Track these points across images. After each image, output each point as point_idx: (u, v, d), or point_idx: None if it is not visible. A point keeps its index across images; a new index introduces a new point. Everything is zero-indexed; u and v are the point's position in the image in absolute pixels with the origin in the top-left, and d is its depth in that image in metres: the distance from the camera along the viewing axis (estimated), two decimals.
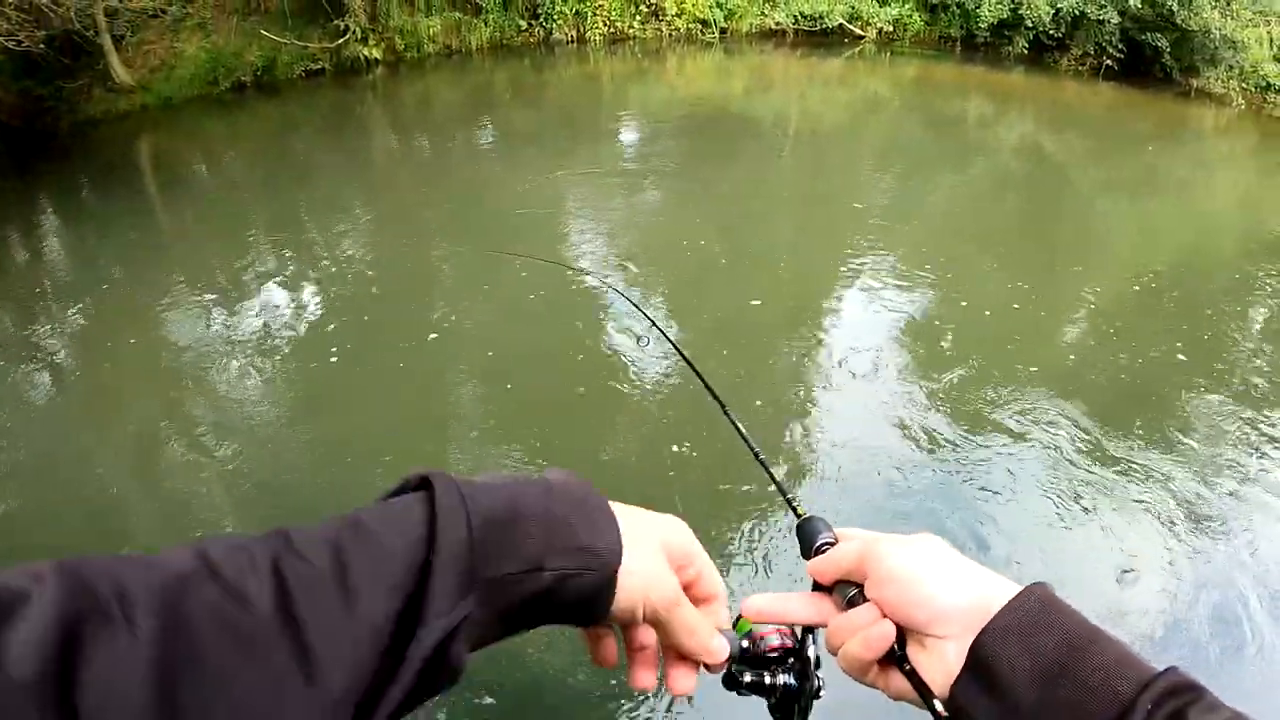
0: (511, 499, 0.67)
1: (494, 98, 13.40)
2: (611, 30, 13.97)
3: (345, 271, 9.19)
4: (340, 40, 15.47)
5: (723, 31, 13.84)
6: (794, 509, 1.09)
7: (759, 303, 6.58)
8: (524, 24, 14.46)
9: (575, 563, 0.68)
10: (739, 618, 0.95)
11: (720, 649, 0.82)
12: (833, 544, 0.93)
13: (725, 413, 1.50)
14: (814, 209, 8.21)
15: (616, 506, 0.74)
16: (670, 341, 1.89)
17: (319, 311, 8.46)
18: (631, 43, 13.96)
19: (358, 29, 15.36)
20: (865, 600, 0.83)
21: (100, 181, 15.45)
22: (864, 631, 0.81)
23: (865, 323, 6.49)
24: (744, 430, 1.44)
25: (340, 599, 0.59)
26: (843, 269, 7.14)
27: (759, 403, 5.62)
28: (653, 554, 0.75)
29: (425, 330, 7.47)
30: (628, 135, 11.10)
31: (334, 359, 7.23)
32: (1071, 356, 6.30)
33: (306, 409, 6.91)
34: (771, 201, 8.50)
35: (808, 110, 11.09)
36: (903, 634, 0.80)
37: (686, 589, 0.79)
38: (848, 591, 0.86)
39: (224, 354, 8.06)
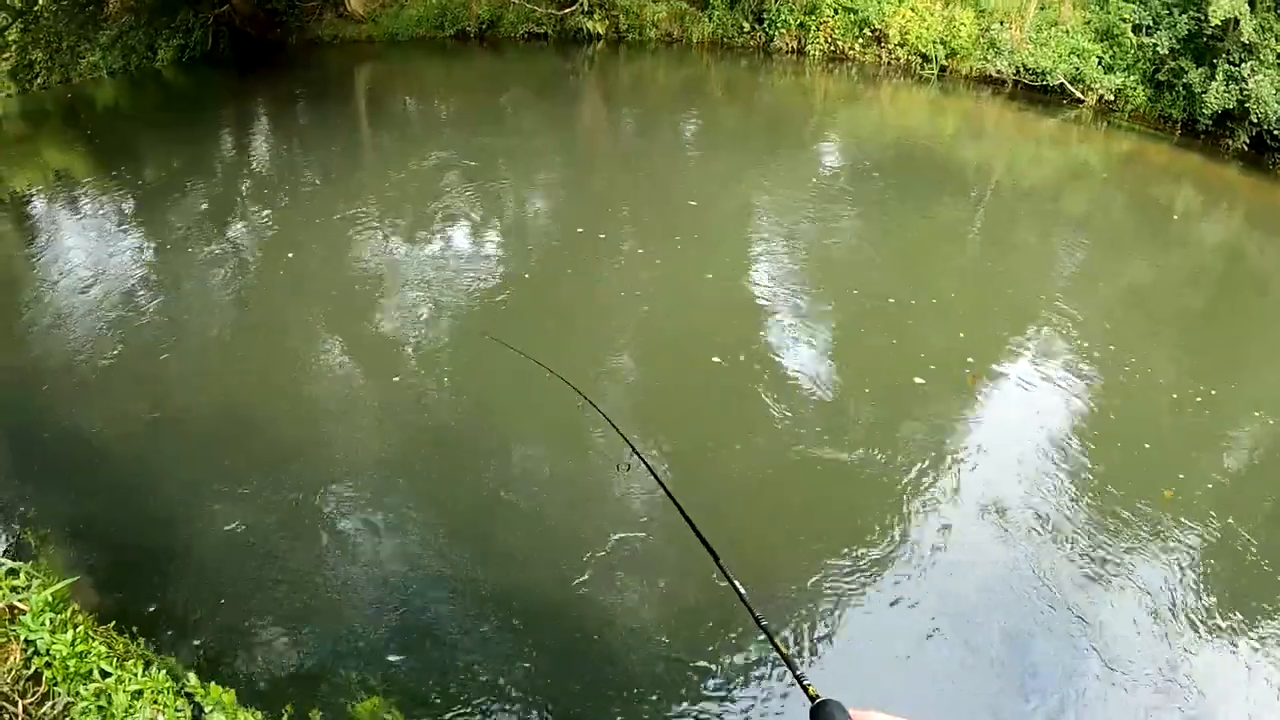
0: None
1: (705, 93, 13.63)
2: (832, 48, 14.04)
3: (526, 226, 9.59)
4: (567, 10, 15.99)
5: (942, 69, 13.74)
6: (805, 689, 1.09)
7: (922, 381, 6.28)
8: (747, 26, 14.67)
9: None
10: None
11: None
12: None
13: (720, 566, 1.53)
14: (999, 269, 7.97)
15: None
16: (655, 476, 1.95)
17: (494, 257, 8.85)
18: (850, 64, 13.99)
19: (586, 2, 15.86)
20: None
21: (315, 97, 16.41)
22: None
23: (1019, 417, 6.01)
24: (743, 590, 1.44)
25: None
26: (1015, 340, 6.88)
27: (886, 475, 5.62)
28: None
29: (588, 292, 7.77)
30: (828, 157, 11.14)
31: (502, 305, 7.61)
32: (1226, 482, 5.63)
33: (463, 343, 7.28)
34: (956, 255, 8.38)
35: (1013, 166, 10.94)
36: None
37: None
38: None
39: (397, 277, 8.61)
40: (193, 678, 4.49)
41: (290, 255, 9.60)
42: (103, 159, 14.83)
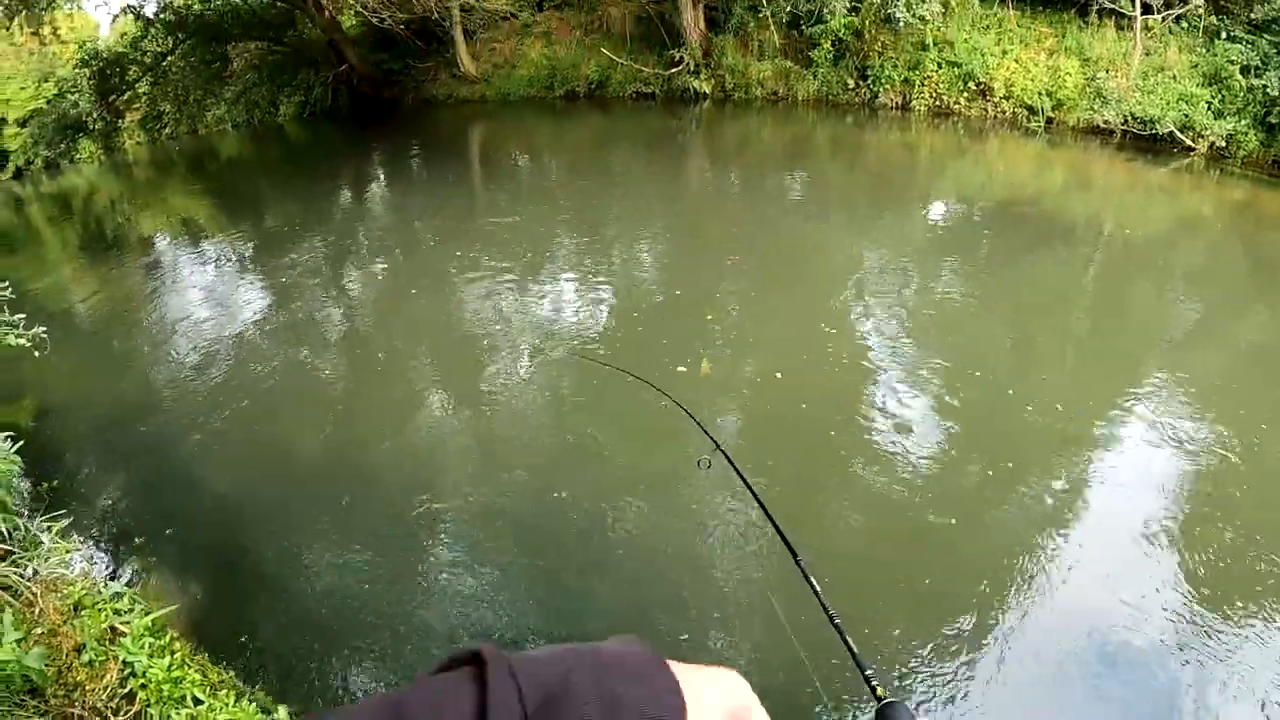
0: (564, 677, 0.65)
1: (811, 150, 13.93)
2: (937, 103, 14.24)
3: (632, 278, 9.96)
4: (673, 70, 16.56)
5: (1048, 121, 13.79)
6: (873, 690, 1.09)
7: (1011, 465, 6.28)
8: (851, 83, 14.97)
9: None
10: None
11: None
12: None
13: (798, 564, 1.52)
14: (1109, 326, 7.96)
15: (676, 668, 0.71)
16: (736, 469, 1.97)
17: (600, 307, 9.27)
18: (955, 119, 14.16)
19: (691, 62, 16.39)
20: None
21: (430, 154, 17.25)
22: None
23: (1124, 483, 5.88)
24: (817, 586, 1.43)
25: None
26: (1126, 403, 6.68)
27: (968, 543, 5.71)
28: (715, 716, 0.73)
29: (691, 343, 8.01)
30: (935, 213, 11.25)
31: (604, 351, 7.95)
32: None
33: (558, 400, 7.60)
34: (1065, 312, 8.30)
35: (1123, 219, 10.89)
36: None
37: None
38: None
39: (507, 324, 9.11)
40: (283, 712, 4.72)
41: (403, 302, 10.24)
42: (226, 206, 15.86)
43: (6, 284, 7.88)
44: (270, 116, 24.61)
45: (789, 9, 15.44)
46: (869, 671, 1.13)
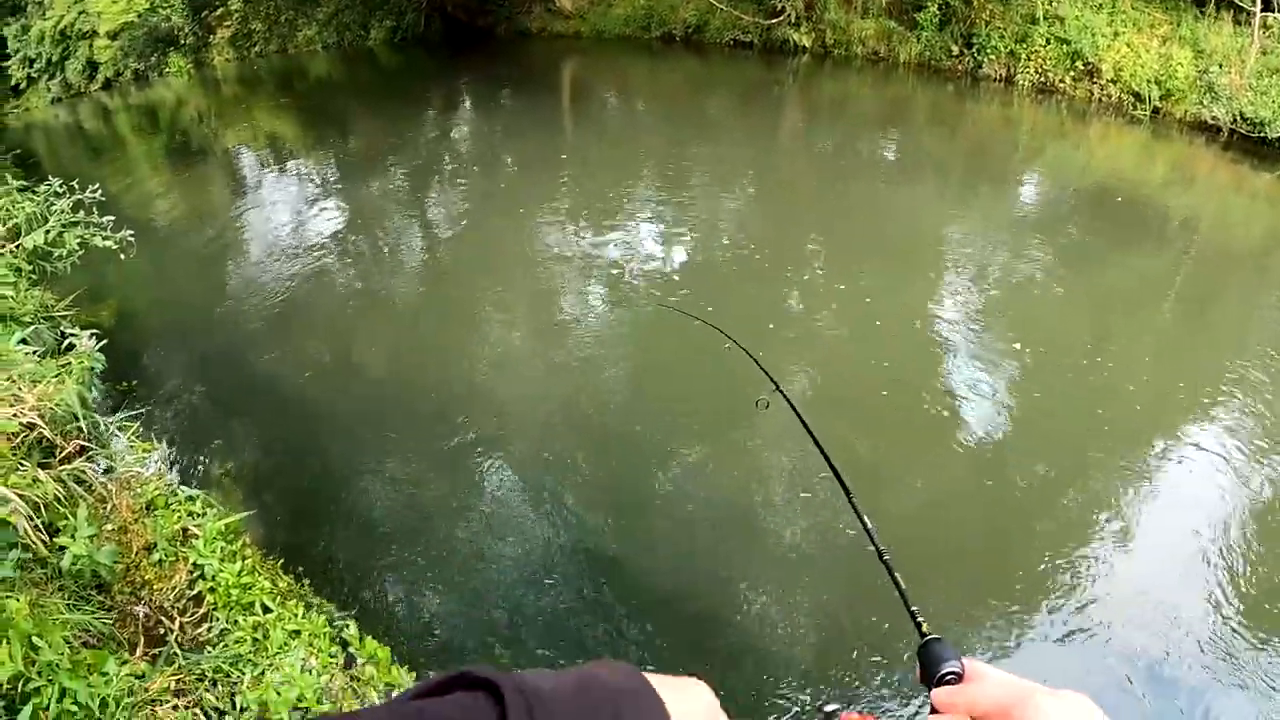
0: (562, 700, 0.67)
1: (908, 115, 13.72)
2: (1042, 79, 13.88)
3: (714, 231, 9.99)
4: (774, 20, 16.33)
5: (1154, 110, 13.40)
6: (918, 626, 1.09)
7: (1098, 434, 6.26)
8: (955, 50, 14.65)
9: None
10: None
11: None
12: (959, 674, 0.95)
13: (850, 501, 1.54)
14: (1194, 331, 7.84)
15: (657, 683, 0.75)
16: (794, 408, 2.01)
17: (677, 257, 9.37)
18: (1059, 97, 13.78)
19: (793, 13, 16.14)
20: None
21: (519, 87, 17.30)
22: None
23: (1194, 492, 5.76)
24: (869, 523, 1.43)
25: None
26: (1205, 409, 6.55)
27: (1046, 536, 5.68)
28: None
29: (767, 302, 8.09)
30: (1029, 193, 11.06)
31: (679, 301, 8.04)
32: None
33: (626, 340, 7.82)
34: (1149, 311, 8.10)
35: (1222, 222, 10.60)
36: None
37: None
38: None
39: (580, 262, 9.32)
40: (352, 627, 4.77)
41: (480, 231, 10.55)
42: (312, 125, 16.10)
43: (97, 187, 8.19)
44: (360, 40, 24.74)
45: None
46: (915, 608, 1.13)
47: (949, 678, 0.94)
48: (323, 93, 20.17)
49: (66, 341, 6.23)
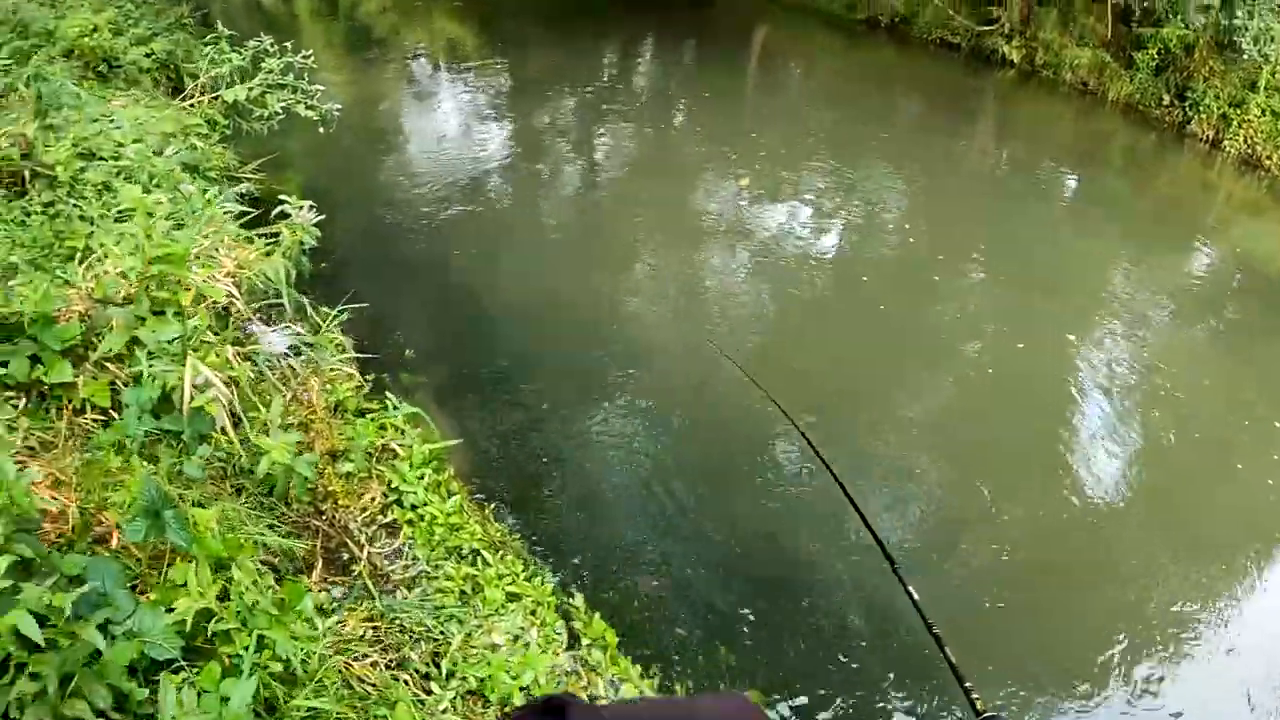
0: None
1: (1102, 155, 13.31)
2: (1250, 150, 13.26)
3: (871, 231, 10.13)
4: (986, 27, 15.96)
5: None
6: (973, 704, 1.09)
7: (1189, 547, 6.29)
8: (1166, 99, 14.06)
9: None
10: None
11: None
12: None
13: (895, 571, 1.54)
14: None
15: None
16: (829, 470, 2.00)
17: (829, 249, 9.59)
18: (1264, 174, 13.12)
19: (1008, 24, 15.76)
20: None
21: (707, 39, 17.33)
22: None
23: None
24: (915, 595, 1.43)
25: None
26: None
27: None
28: None
29: (911, 320, 8.22)
30: (1205, 264, 10.45)
31: (821, 294, 8.12)
32: None
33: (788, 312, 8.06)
34: None
35: None
36: None
37: None
38: None
39: (732, 229, 9.58)
40: (579, 600, 4.31)
41: (639, 176, 10.90)
42: (490, 38, 16.28)
43: (310, 53, 8.25)
44: None
45: None
46: (969, 684, 1.11)
47: None
48: (504, 7, 20.15)
49: (277, 210, 5.39)
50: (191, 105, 8.33)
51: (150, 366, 3.63)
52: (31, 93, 5.98)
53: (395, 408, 4.87)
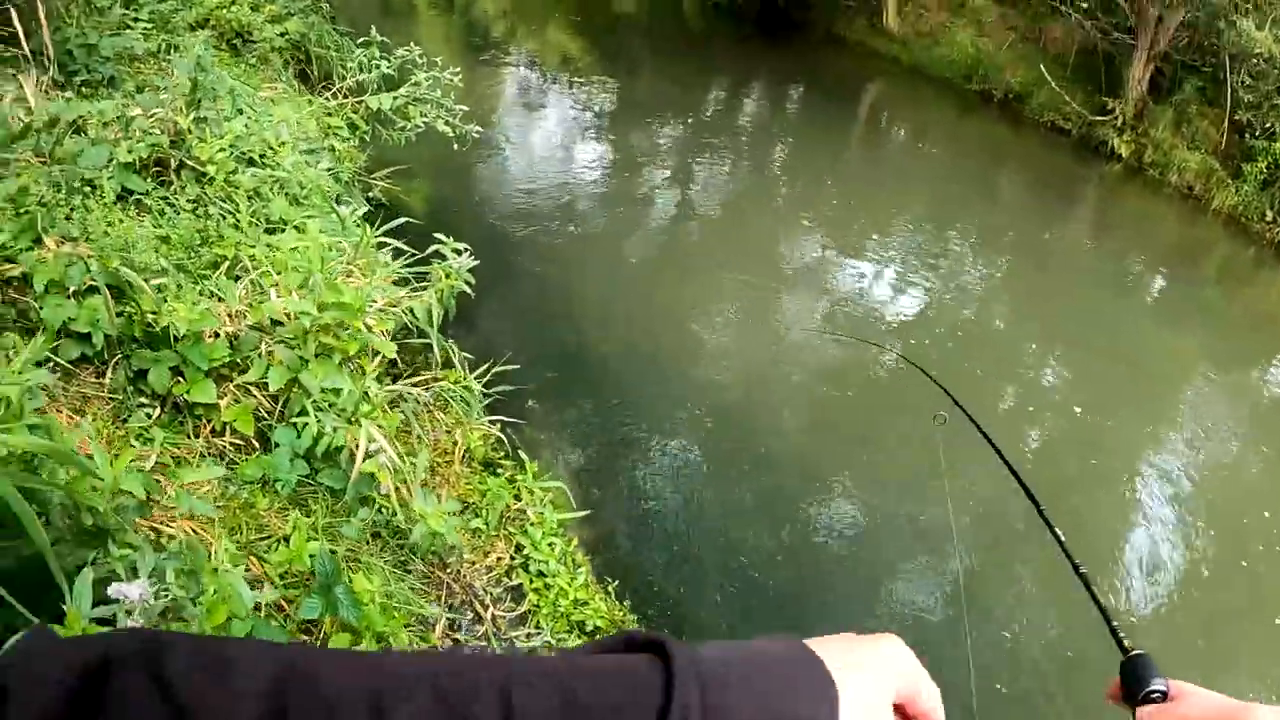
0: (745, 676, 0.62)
1: (1198, 263, 13.25)
2: None
3: (944, 313, 10.16)
4: (1099, 117, 16.01)
5: None
6: (1120, 642, 1.06)
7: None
8: (1270, 216, 14.06)
9: None
10: None
11: None
12: (1164, 693, 0.91)
13: (1042, 515, 1.53)
14: None
15: (829, 648, 0.68)
16: (975, 424, 2.08)
17: (907, 319, 9.70)
18: None
19: (1121, 117, 15.79)
20: None
21: (815, 90, 17.56)
22: None
23: None
24: (1063, 538, 1.41)
25: None
26: None
27: None
28: (879, 700, 0.69)
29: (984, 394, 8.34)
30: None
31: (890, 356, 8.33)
32: None
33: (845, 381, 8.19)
34: None
35: None
36: None
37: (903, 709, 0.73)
38: None
39: (814, 279, 9.89)
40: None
41: (730, 216, 11.17)
42: (600, 56, 16.62)
43: (458, 70, 8.31)
44: None
45: (1249, 102, 14.55)
46: (1115, 623, 1.11)
47: (1154, 696, 0.91)
48: (621, 31, 20.47)
49: (431, 249, 4.98)
50: (331, 100, 8.43)
51: (319, 422, 3.59)
52: (182, 77, 5.30)
53: (535, 476, 4.80)
